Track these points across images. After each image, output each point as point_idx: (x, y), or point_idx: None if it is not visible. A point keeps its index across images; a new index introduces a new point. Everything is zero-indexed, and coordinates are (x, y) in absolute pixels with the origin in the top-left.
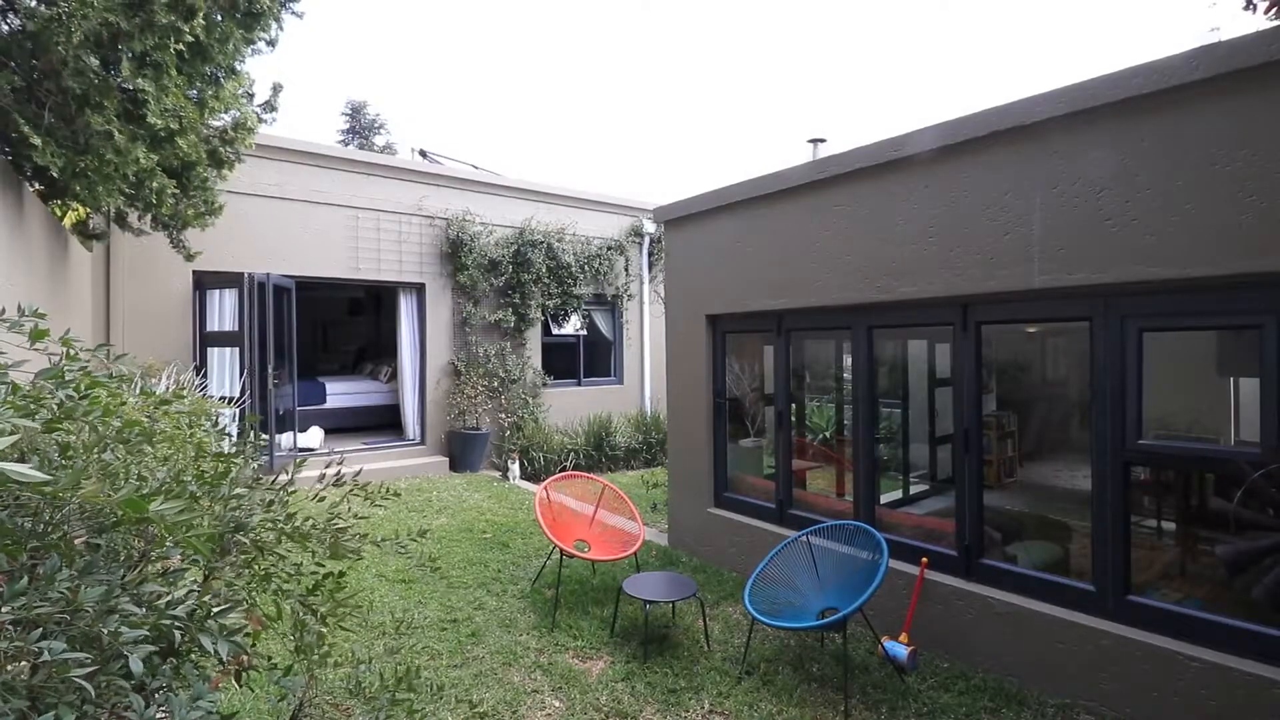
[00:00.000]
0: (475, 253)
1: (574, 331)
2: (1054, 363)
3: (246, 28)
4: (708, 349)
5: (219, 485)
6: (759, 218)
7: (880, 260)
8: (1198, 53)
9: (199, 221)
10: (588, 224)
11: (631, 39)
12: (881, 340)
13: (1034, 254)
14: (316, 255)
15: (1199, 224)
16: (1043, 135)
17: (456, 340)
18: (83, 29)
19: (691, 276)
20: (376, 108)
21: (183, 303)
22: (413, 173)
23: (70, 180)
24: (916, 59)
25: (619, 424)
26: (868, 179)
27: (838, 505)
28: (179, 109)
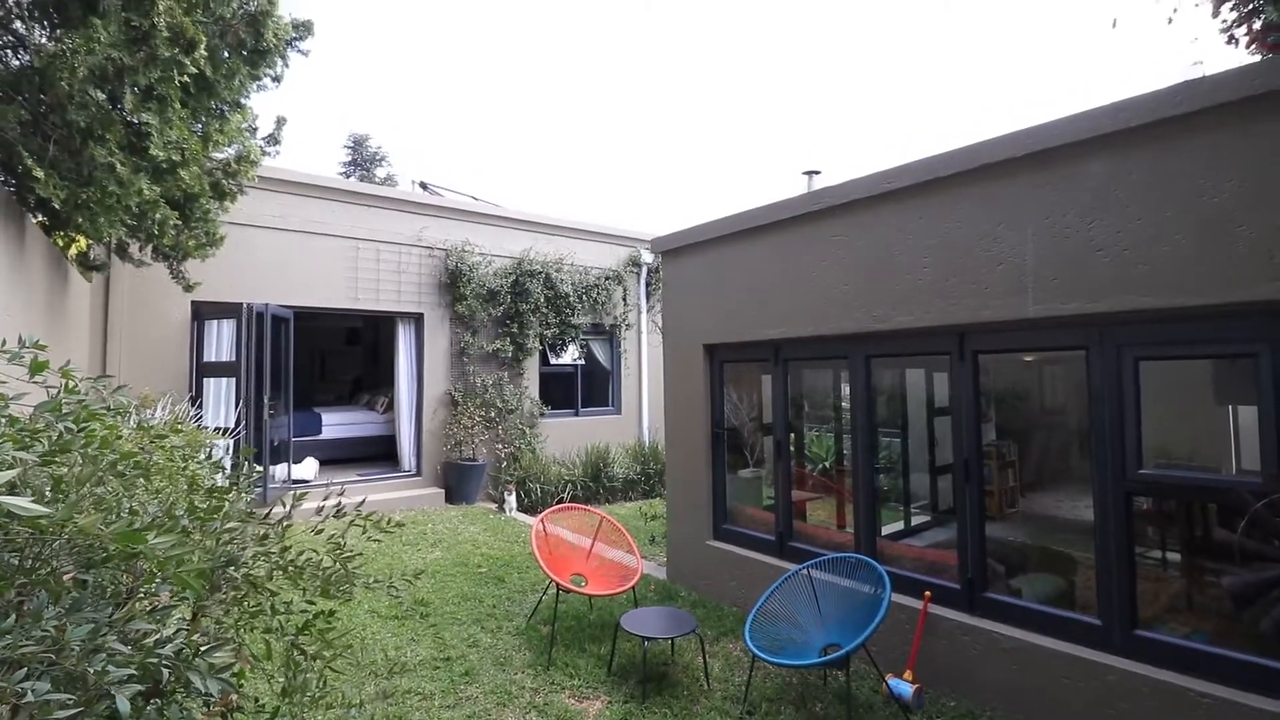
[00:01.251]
0: (474, 283)
1: (572, 361)
2: (1053, 391)
3: (252, 64)
4: (705, 379)
5: (212, 519)
6: (755, 248)
7: (876, 290)
8: (1181, 87)
9: (199, 252)
10: (586, 254)
11: (630, 72)
12: (879, 369)
13: (1028, 284)
14: (315, 285)
15: (1189, 254)
16: (1033, 168)
17: (454, 370)
18: (87, 64)
19: (689, 306)
20: (378, 140)
21: (180, 333)
22: (412, 204)
23: (72, 212)
24: (910, 93)
25: (617, 454)
26: (862, 210)
27: (838, 537)
28: (182, 141)
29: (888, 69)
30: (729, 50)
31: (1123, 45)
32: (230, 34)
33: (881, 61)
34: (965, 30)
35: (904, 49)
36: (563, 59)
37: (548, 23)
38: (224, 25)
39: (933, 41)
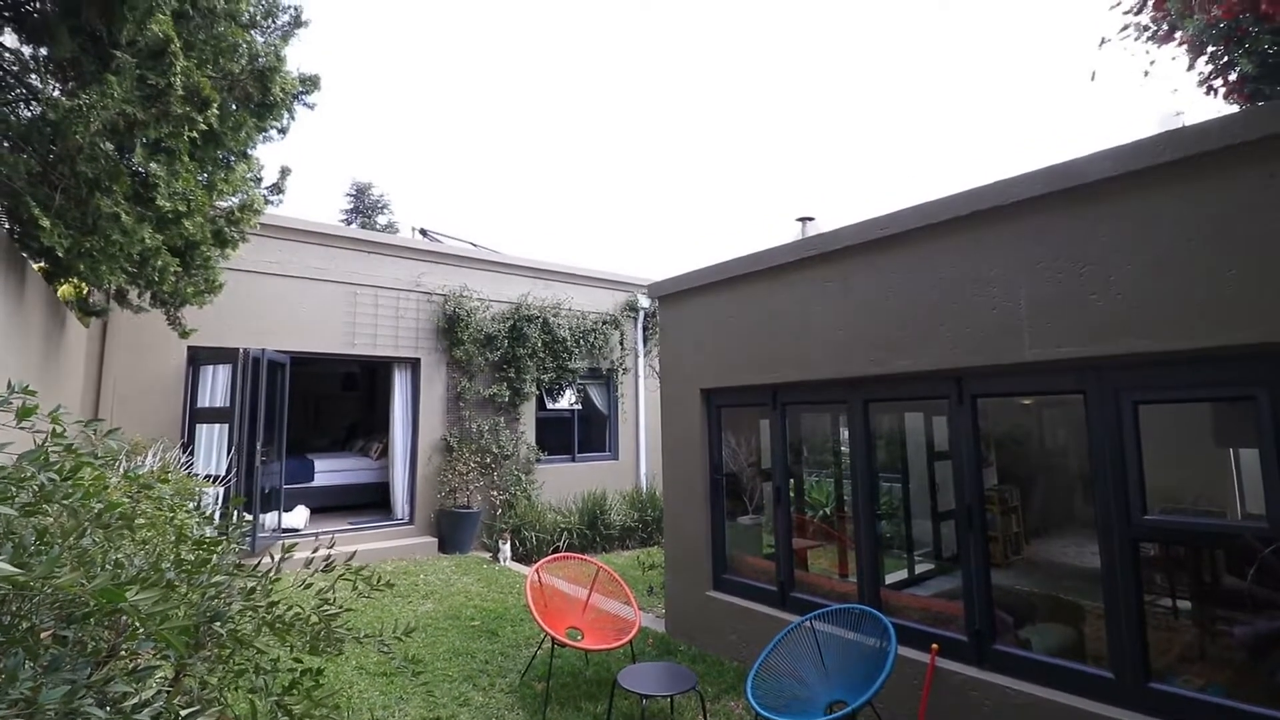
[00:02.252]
0: (471, 328)
1: (569, 406)
2: (1054, 434)
3: (259, 117)
4: (703, 423)
5: (199, 573)
6: (752, 293)
7: (872, 334)
8: (1165, 136)
9: (198, 299)
10: (583, 299)
11: (628, 119)
12: (879, 414)
13: (1023, 328)
14: (313, 331)
15: (1181, 297)
16: (1024, 213)
17: (450, 415)
18: (101, 118)
19: (686, 351)
20: (381, 188)
21: (175, 378)
22: (412, 250)
23: (74, 260)
24: (901, 140)
25: (614, 501)
26: (857, 256)
27: (841, 587)
28: (188, 192)
29: (881, 115)
30: (725, 98)
31: (1103, 97)
32: (239, 89)
33: (875, 108)
34: (955, 78)
35: (894, 97)
36: (563, 105)
37: (549, 70)
38: (233, 80)
39: (923, 90)
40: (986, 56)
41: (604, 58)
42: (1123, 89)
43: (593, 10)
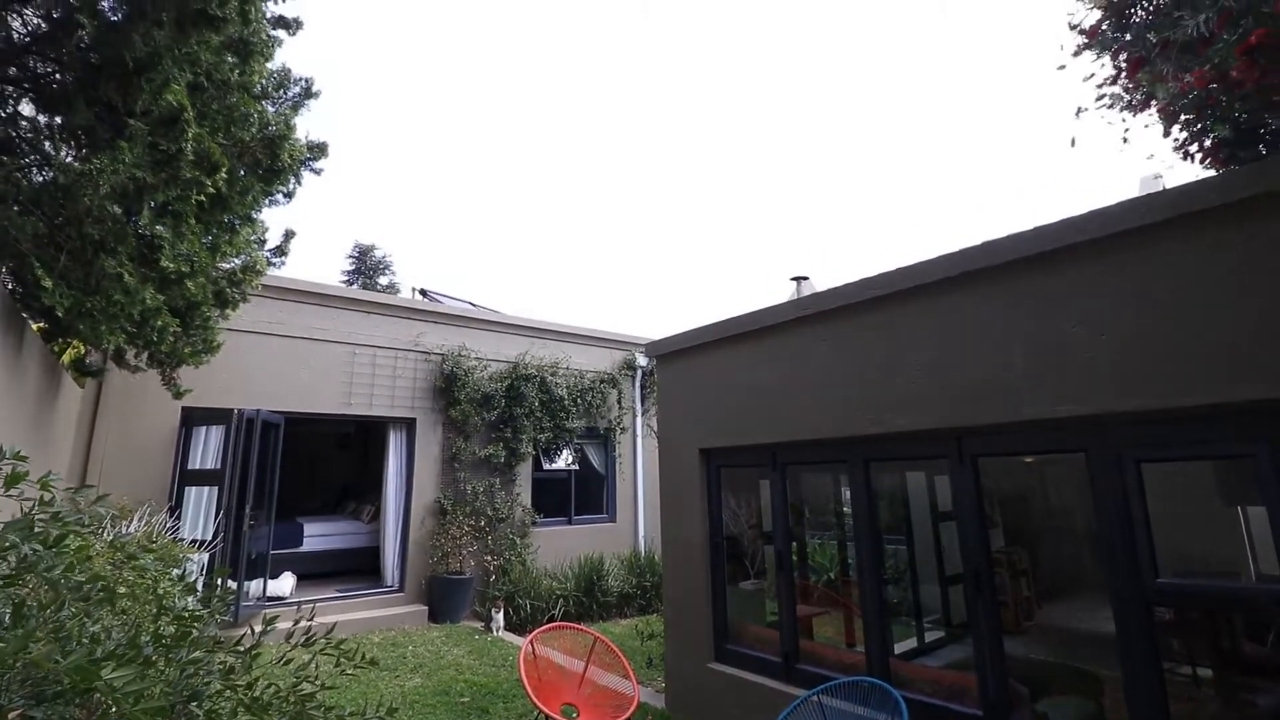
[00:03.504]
0: (469, 387)
1: (565, 467)
2: (1061, 492)
3: (266, 182)
4: (702, 484)
5: (178, 648)
6: (749, 352)
7: (870, 393)
8: (1148, 198)
9: (195, 359)
10: (581, 358)
11: (627, 180)
12: (879, 474)
13: (1020, 386)
14: (309, 391)
15: (1177, 354)
16: (1015, 272)
17: (445, 477)
18: (110, 182)
19: (684, 410)
20: (383, 249)
21: (166, 439)
22: (411, 310)
23: (75, 320)
24: (895, 200)
25: (611, 566)
26: (851, 314)
27: (848, 657)
28: (192, 254)
29: (874, 176)
30: (721, 158)
31: (1085, 161)
32: (248, 155)
33: (869, 168)
34: (946, 142)
35: (888, 158)
36: (564, 166)
37: (550, 132)
38: (243, 147)
39: (915, 151)
40: (975, 123)
41: (603, 119)
42: (1103, 154)
43: (594, 70)
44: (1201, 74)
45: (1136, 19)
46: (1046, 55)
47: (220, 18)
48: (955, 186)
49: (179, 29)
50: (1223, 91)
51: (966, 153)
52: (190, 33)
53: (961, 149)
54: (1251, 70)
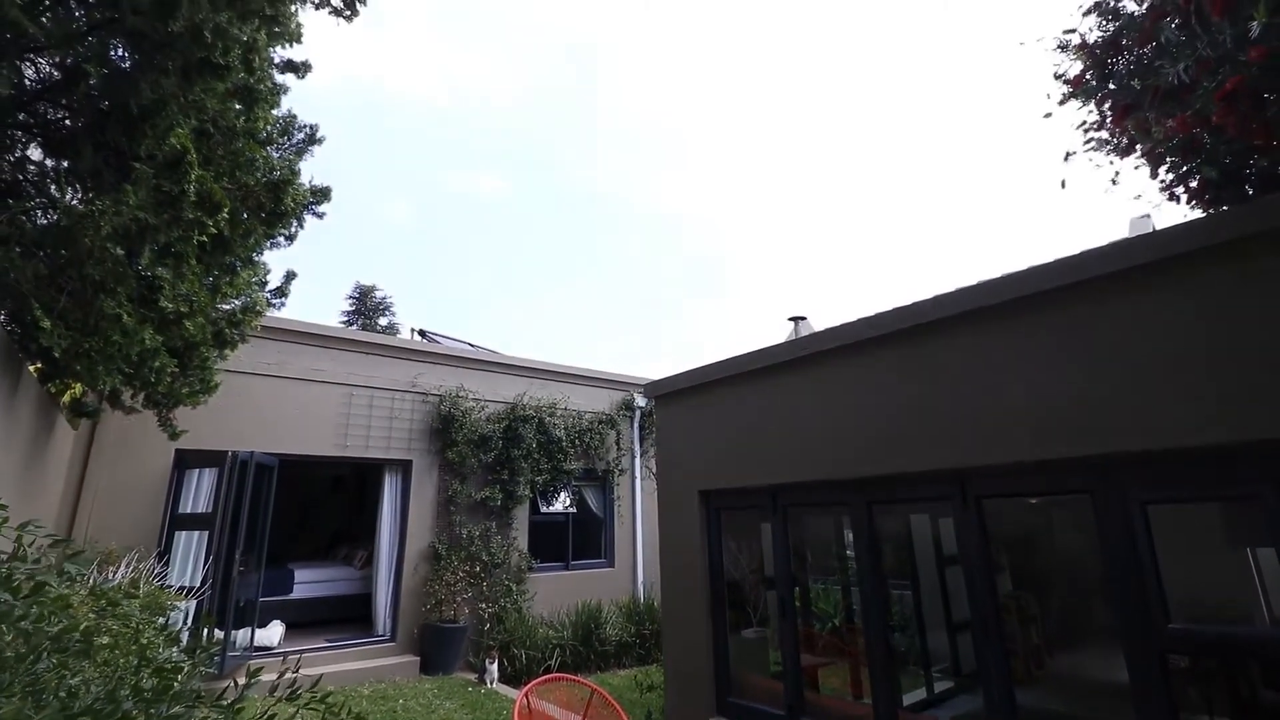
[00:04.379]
0: (466, 428)
1: (563, 510)
2: (1069, 534)
3: (269, 225)
4: (702, 527)
5: (159, 702)
6: (748, 392)
7: (869, 434)
8: (1151, 236)
9: (191, 400)
10: (579, 398)
11: (624, 221)
12: (883, 516)
13: (1021, 426)
14: (305, 433)
15: (1179, 394)
16: (1017, 311)
17: (439, 521)
18: (113, 224)
19: (683, 451)
20: (384, 289)
21: (158, 482)
22: (410, 351)
23: (72, 360)
24: (890, 241)
25: (610, 614)
26: (850, 354)
27: (855, 709)
28: (192, 294)
29: (870, 216)
30: (718, 198)
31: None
32: (251, 198)
33: (864, 208)
34: (941, 182)
35: (883, 200)
36: (563, 210)
37: (549, 174)
38: (247, 191)
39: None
40: (970, 163)
41: (604, 156)
42: (1093, 195)
43: (593, 116)
44: (1184, 119)
45: (1119, 68)
46: (1036, 103)
47: (225, 66)
48: (951, 226)
49: (185, 77)
50: (1207, 135)
51: (962, 192)
52: (196, 80)
53: (958, 188)
54: (1232, 115)
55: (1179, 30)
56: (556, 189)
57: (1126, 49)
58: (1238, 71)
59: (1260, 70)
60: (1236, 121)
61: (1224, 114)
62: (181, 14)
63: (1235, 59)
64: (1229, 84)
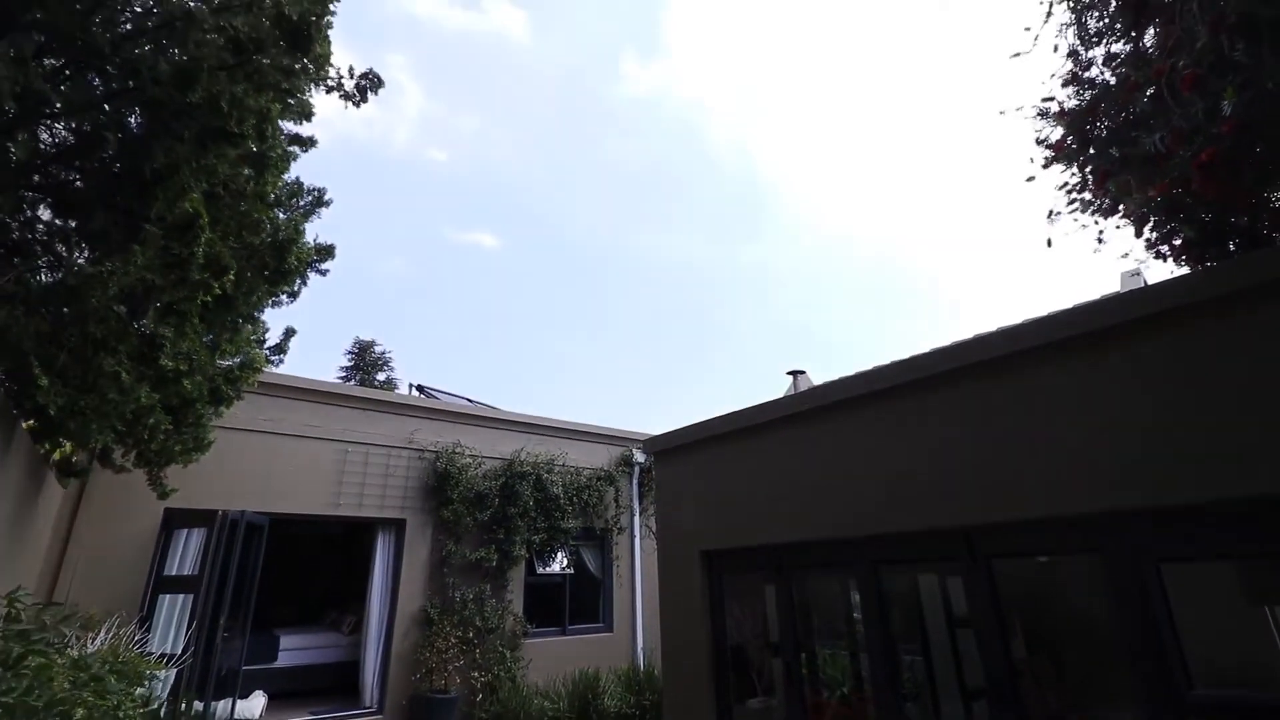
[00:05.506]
0: (462, 486)
1: (560, 571)
2: (1084, 594)
3: (272, 283)
4: (704, 591)
5: None
6: (747, 449)
7: (873, 491)
8: (1139, 292)
9: (184, 458)
10: (577, 454)
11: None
12: (890, 577)
13: (1025, 482)
14: (298, 491)
15: (1187, 449)
16: (1020, 365)
17: (432, 583)
18: (119, 284)
19: (683, 510)
20: (384, 344)
21: (145, 543)
22: (407, 407)
23: (66, 418)
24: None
25: (608, 683)
26: (851, 409)
27: None
28: (192, 352)
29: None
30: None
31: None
32: (256, 257)
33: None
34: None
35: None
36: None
37: (546, 228)
38: (252, 250)
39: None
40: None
41: (603, 215)
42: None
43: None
44: (1163, 186)
45: (1098, 134)
46: (1021, 166)
47: (238, 134)
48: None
49: (199, 144)
50: (1186, 198)
51: (958, 246)
52: (210, 147)
53: (954, 243)
54: (1209, 184)
55: (1153, 102)
56: (554, 243)
57: (1104, 116)
58: (1212, 143)
59: (1233, 141)
60: (1214, 188)
61: (1201, 183)
62: (201, 85)
63: (1208, 130)
64: (1204, 155)
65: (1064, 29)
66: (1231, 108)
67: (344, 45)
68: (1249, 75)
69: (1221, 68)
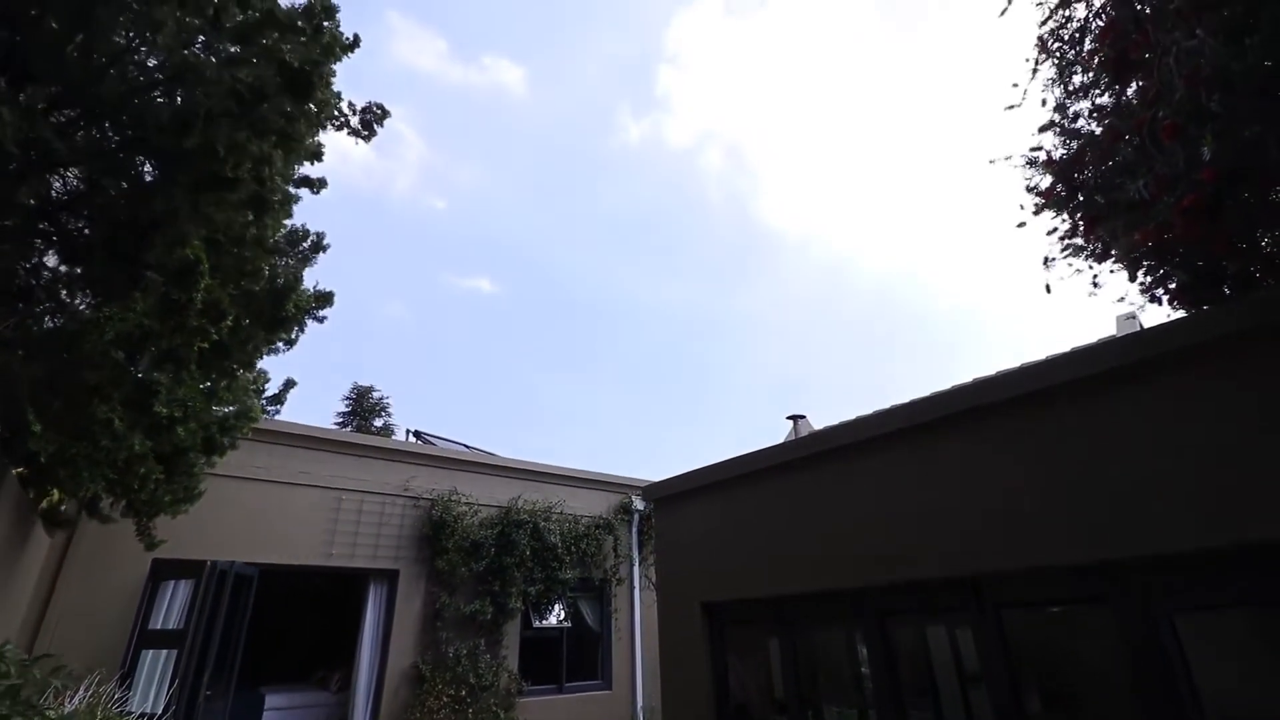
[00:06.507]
0: (458, 535)
1: (557, 624)
2: (1098, 645)
3: (269, 330)
4: (706, 645)
5: None
6: (748, 496)
7: (877, 539)
8: (1160, 329)
9: (174, 509)
10: (576, 501)
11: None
12: (896, 629)
13: (1030, 529)
14: (289, 541)
15: (1197, 493)
16: (1024, 407)
17: (425, 637)
18: (117, 330)
19: (684, 559)
20: (382, 389)
21: (129, 595)
22: (402, 453)
23: (56, 465)
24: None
25: None
26: (853, 455)
27: None
28: (188, 399)
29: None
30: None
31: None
32: (254, 304)
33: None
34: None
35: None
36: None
37: (545, 275)
38: (249, 296)
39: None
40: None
41: (603, 259)
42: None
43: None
44: (1149, 231)
45: (1085, 181)
46: (1012, 212)
47: (234, 179)
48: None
49: (195, 190)
50: (1173, 243)
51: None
52: (207, 193)
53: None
54: (1193, 230)
55: (1136, 151)
56: (552, 289)
57: (1090, 165)
58: (1194, 189)
59: (1214, 187)
60: (1197, 233)
61: (1184, 228)
62: (196, 131)
63: (1189, 177)
64: (1186, 201)
65: (1050, 84)
66: (1211, 155)
67: (347, 97)
68: (1226, 124)
69: (1200, 117)
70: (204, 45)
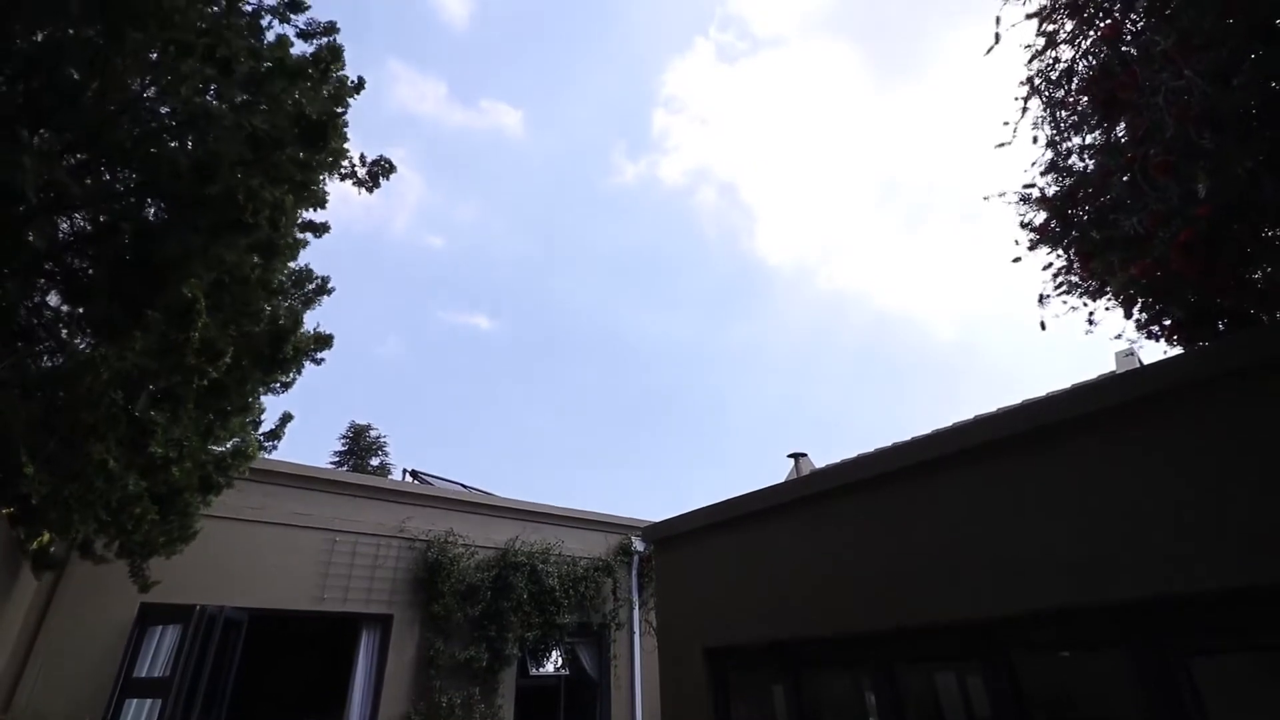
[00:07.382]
0: (454, 577)
1: (555, 671)
2: (1114, 692)
3: (266, 370)
4: (709, 694)
5: None
6: (749, 537)
7: (883, 582)
8: (1170, 362)
9: (167, 550)
10: (574, 542)
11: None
12: (905, 677)
13: (1036, 571)
14: (281, 584)
15: (1213, 530)
16: (1032, 444)
17: (417, 686)
18: (114, 369)
19: (685, 603)
20: (379, 428)
21: (115, 640)
22: (398, 493)
23: (48, 507)
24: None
25: None
26: (856, 494)
27: None
28: (183, 439)
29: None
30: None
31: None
32: (253, 345)
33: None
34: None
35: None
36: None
37: (543, 311)
38: (248, 338)
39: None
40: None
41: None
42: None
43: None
44: (1144, 266)
45: (1079, 218)
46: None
47: (252, 225)
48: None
49: (213, 234)
50: (1169, 279)
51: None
52: (224, 237)
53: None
54: (1189, 265)
55: (1128, 187)
56: (549, 325)
57: (1084, 201)
58: (1189, 224)
59: (1210, 222)
60: (1194, 268)
61: (1180, 263)
62: (220, 179)
63: (1184, 213)
64: (1182, 236)
65: (1040, 122)
66: (1206, 191)
67: (353, 144)
68: (1219, 161)
69: (1192, 154)
70: (215, 93)
